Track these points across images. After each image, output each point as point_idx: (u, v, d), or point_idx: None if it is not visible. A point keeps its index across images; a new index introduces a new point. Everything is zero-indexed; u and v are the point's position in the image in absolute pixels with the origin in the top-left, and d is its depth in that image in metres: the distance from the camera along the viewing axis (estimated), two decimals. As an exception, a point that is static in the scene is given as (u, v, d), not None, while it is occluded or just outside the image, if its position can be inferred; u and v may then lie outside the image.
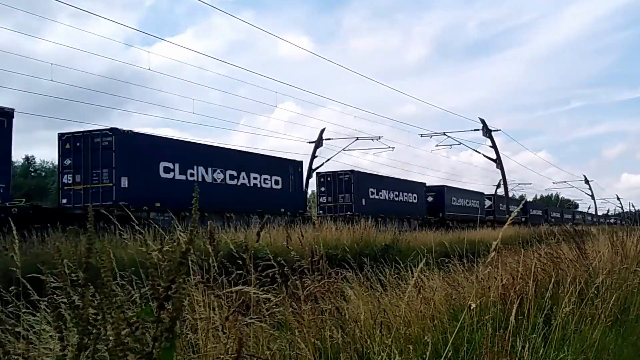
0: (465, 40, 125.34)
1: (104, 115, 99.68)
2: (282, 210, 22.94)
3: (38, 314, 2.69)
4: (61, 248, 1.87)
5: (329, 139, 39.19)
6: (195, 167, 19.38)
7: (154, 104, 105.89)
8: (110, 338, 1.54)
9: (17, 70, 38.87)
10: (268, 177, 22.82)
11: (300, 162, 26.49)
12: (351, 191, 29.52)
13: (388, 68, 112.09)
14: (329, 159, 37.75)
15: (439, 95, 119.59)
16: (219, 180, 20.29)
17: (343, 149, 39.08)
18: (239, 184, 21.31)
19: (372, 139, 38.73)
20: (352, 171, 30.65)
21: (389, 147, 39.47)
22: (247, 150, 24.91)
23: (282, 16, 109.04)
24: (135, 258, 3.26)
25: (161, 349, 1.70)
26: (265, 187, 22.72)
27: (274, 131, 64.97)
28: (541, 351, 3.87)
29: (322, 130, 38.78)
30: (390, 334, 3.45)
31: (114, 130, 17.51)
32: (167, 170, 18.47)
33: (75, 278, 1.78)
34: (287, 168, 24.51)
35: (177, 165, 18.73)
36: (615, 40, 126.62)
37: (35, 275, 2.58)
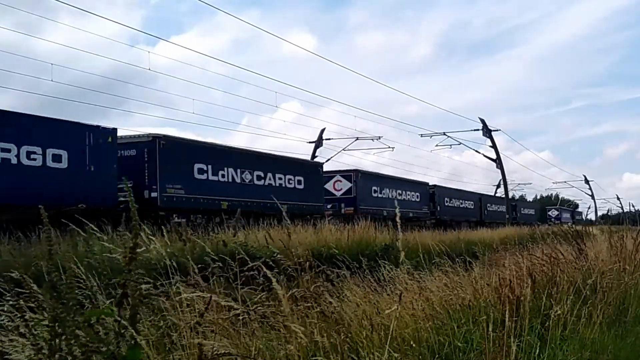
0: (468, 40, 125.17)
1: (104, 114, 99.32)
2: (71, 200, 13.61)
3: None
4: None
5: (329, 139, 39.16)
6: None
7: (154, 104, 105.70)
8: (72, 341, 1.53)
9: (17, 70, 38.57)
10: (37, 149, 13.79)
11: (113, 130, 15.91)
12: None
13: (392, 66, 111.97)
14: (329, 159, 37.64)
15: (439, 94, 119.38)
16: None
17: (343, 149, 39.03)
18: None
19: (372, 139, 38.70)
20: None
21: (389, 147, 39.34)
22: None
23: (287, 13, 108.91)
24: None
25: (127, 348, 1.70)
26: (28, 165, 13.59)
27: (276, 131, 64.86)
28: (538, 351, 3.85)
29: (322, 130, 38.79)
30: (385, 334, 3.43)
31: None
32: None
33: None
34: (81, 137, 14.92)
35: None
36: (617, 40, 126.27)
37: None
